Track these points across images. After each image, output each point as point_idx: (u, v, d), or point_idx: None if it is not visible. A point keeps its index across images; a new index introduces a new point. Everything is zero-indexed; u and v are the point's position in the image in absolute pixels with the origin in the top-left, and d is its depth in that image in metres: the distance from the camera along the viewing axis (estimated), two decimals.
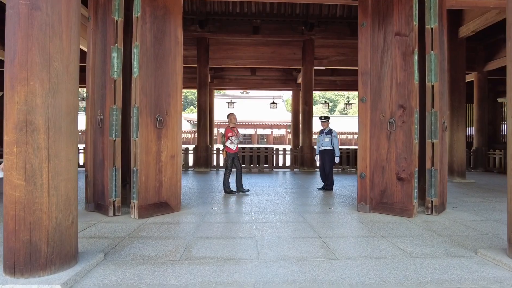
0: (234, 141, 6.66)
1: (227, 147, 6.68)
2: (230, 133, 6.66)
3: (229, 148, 6.69)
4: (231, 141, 6.66)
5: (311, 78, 12.68)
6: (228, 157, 6.72)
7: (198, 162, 12.35)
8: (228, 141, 6.67)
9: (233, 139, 6.65)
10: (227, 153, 6.73)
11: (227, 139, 6.68)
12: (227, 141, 6.68)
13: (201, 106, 12.46)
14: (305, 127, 12.60)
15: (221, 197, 6.31)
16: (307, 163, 12.45)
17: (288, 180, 9.36)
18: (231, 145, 6.67)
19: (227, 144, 6.67)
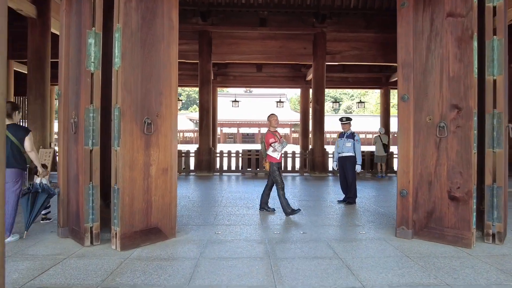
0: (278, 149, 5.35)
1: (270, 156, 5.38)
2: (272, 139, 5.34)
3: (272, 157, 5.37)
4: (274, 149, 5.33)
5: (322, 74, 11.64)
6: (273, 168, 5.37)
7: (200, 166, 11.37)
8: (270, 148, 5.35)
9: (277, 146, 5.33)
10: (271, 164, 5.37)
11: (268, 146, 5.37)
12: (268, 149, 5.38)
13: (203, 105, 11.47)
14: (316, 128, 11.58)
15: (226, 214, 5.32)
16: (318, 167, 11.43)
17: (300, 188, 8.35)
18: (274, 153, 5.35)
19: (270, 152, 5.37)
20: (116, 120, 3.48)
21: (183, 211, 5.43)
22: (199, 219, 4.93)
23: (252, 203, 6.15)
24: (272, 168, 5.38)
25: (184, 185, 8.61)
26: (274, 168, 5.38)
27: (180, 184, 8.78)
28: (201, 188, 8.23)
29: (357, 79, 14.76)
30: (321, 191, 7.90)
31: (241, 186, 8.69)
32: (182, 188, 8.03)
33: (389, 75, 14.61)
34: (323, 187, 8.77)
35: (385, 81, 14.84)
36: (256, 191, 7.61)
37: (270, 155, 5.39)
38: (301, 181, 10.09)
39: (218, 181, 9.74)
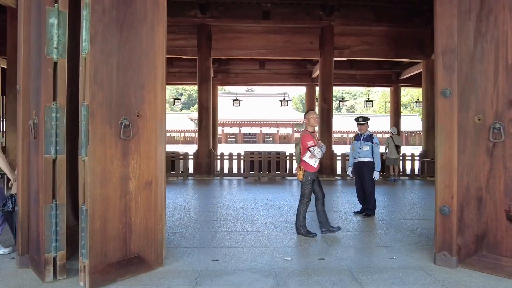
0: (317, 154, 4.21)
1: (305, 163, 4.28)
2: (310, 142, 4.22)
3: (307, 164, 4.28)
4: (312, 154, 4.21)
5: (330, 71, 10.85)
6: (307, 179, 4.30)
7: (199, 169, 10.60)
8: (307, 154, 4.23)
9: (316, 151, 4.20)
10: (305, 173, 4.29)
11: (305, 150, 4.24)
12: (305, 154, 4.24)
13: (203, 104, 10.70)
14: (323, 128, 10.79)
15: (226, 230, 4.55)
16: (325, 170, 10.64)
17: None
18: (312, 160, 4.25)
19: (306, 158, 4.24)
20: (83, 122, 2.71)
21: (176, 227, 4.66)
22: (194, 239, 4.15)
23: (256, 216, 5.37)
24: (306, 178, 4.31)
25: (180, 192, 7.85)
26: (309, 179, 4.32)
27: (177, 190, 8.01)
28: (199, 196, 7.46)
29: (366, 76, 13.94)
30: (332, 199, 7.11)
31: (243, 192, 7.92)
32: (178, 196, 7.26)
33: (400, 71, 13.80)
34: (333, 193, 7.99)
35: (395, 78, 14.03)
36: (260, 199, 6.83)
37: (306, 161, 4.28)
38: None
39: (219, 186, 8.97)
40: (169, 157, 10.84)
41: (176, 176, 10.81)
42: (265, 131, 54.57)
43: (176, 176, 10.80)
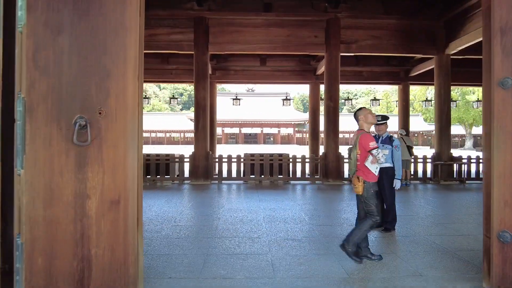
0: (381, 158, 3.37)
1: (365, 170, 3.42)
2: (373, 142, 3.40)
3: (368, 172, 3.42)
4: (374, 158, 3.36)
5: (336, 66, 10.10)
6: (369, 192, 3.43)
7: (196, 173, 9.86)
8: (369, 158, 3.38)
9: (380, 155, 3.35)
10: (367, 184, 3.41)
11: (365, 153, 3.40)
12: (367, 159, 3.39)
13: (200, 102, 9.95)
14: (329, 129, 10.04)
15: (221, 252, 3.79)
16: (332, 174, 9.89)
17: (314, 203, 6.81)
18: (373, 166, 3.42)
19: (368, 164, 3.40)
20: (19, 122, 1.97)
21: (163, 248, 3.91)
22: (182, 264, 3.40)
23: (257, 231, 4.61)
24: (368, 190, 3.41)
25: (174, 200, 7.10)
26: (371, 192, 3.43)
27: (170, 197, 7.27)
28: (194, 204, 6.70)
29: (373, 73, 13.19)
30: (342, 208, 6.36)
31: (243, 199, 7.17)
32: (170, 205, 6.51)
33: (409, 68, 13.04)
34: (342, 200, 7.24)
35: (404, 76, 13.27)
36: (261, 209, 6.07)
37: (368, 168, 3.40)
38: (313, 191, 8.55)
39: (216, 192, 8.22)
40: (164, 160, 10.10)
41: (172, 180, 10.07)
42: (266, 131, 53.86)
43: (171, 180, 10.06)
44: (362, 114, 3.63)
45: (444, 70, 10.34)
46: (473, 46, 9.57)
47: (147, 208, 6.12)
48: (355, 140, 3.54)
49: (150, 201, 6.94)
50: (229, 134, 55.26)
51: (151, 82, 13.13)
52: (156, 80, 12.70)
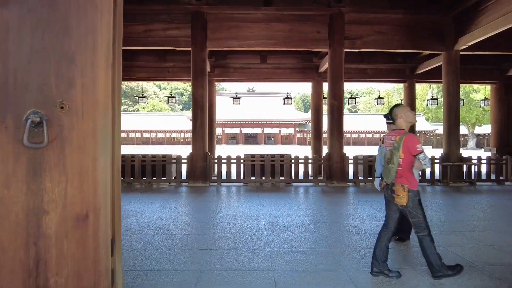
0: (427, 164, 2.93)
1: (411, 176, 3.00)
2: (420, 144, 2.95)
3: (413, 178, 3.02)
4: (419, 162, 2.94)
5: (341, 63, 9.66)
6: (414, 202, 2.98)
7: (194, 174, 9.42)
8: (416, 162, 2.96)
9: (427, 160, 2.92)
10: (411, 193, 2.96)
11: (410, 157, 2.96)
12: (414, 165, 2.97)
13: (197, 101, 9.51)
14: (333, 128, 9.59)
15: (217, 267, 3.35)
16: (336, 176, 9.45)
17: (320, 207, 6.36)
18: (416, 172, 3.16)
19: (416, 169, 3.04)
20: None
21: (151, 262, 3.47)
22: (171, 283, 2.95)
23: (258, 241, 4.17)
24: (413, 200, 2.97)
25: (169, 204, 6.66)
26: (416, 202, 2.99)
27: (165, 201, 6.83)
28: (190, 209, 6.26)
29: (377, 71, 12.73)
30: (349, 213, 5.91)
31: (243, 203, 6.73)
32: (165, 210, 6.07)
33: (415, 66, 12.59)
34: (348, 204, 6.79)
35: (409, 74, 12.82)
36: (262, 214, 5.63)
37: (413, 174, 3.01)
38: (316, 194, 8.10)
39: (215, 196, 7.78)
40: (160, 161, 9.67)
41: (168, 183, 9.64)
42: (267, 132, 53.46)
43: (168, 182, 9.63)
44: (401, 111, 3.13)
45: (453, 66, 9.89)
46: (483, 42, 9.14)
47: (139, 214, 5.69)
48: (398, 142, 3.01)
49: (144, 205, 6.50)
50: (230, 134, 54.87)
51: (147, 81, 12.75)
52: (152, 78, 12.27)
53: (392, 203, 3.15)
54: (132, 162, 9.68)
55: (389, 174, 3.07)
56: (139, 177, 9.63)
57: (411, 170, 3.00)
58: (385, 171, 3.16)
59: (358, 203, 6.85)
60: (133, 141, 57.08)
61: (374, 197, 7.56)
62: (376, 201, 6.96)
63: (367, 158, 9.88)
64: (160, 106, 77.28)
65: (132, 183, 9.63)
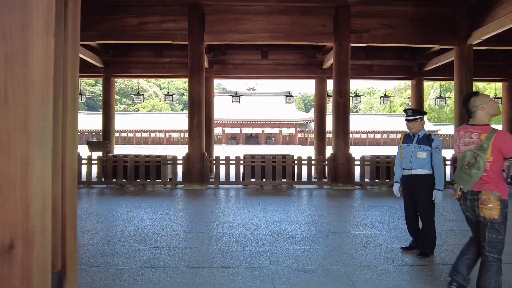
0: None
1: (503, 183, 2.40)
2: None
3: (505, 186, 2.41)
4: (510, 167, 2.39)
5: (346, 58, 9.09)
6: (503, 213, 2.36)
7: (190, 176, 8.85)
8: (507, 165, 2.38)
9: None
10: (502, 203, 2.35)
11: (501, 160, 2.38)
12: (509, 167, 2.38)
13: (194, 97, 8.95)
14: (339, 127, 9.02)
15: None
16: (342, 178, 8.87)
17: (326, 214, 5.78)
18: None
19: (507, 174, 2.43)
20: None
21: (131, 284, 2.90)
22: None
23: (258, 257, 3.60)
24: (503, 212, 2.36)
25: (161, 209, 6.09)
26: (505, 215, 2.38)
27: (157, 206, 6.25)
28: (183, 216, 5.69)
29: (384, 67, 12.15)
30: (359, 220, 5.34)
31: (242, 209, 6.16)
32: (155, 217, 5.50)
33: (423, 62, 12.00)
34: (356, 210, 6.21)
35: (417, 70, 12.23)
36: (263, 222, 5.06)
37: (504, 181, 2.42)
38: (321, 198, 7.53)
39: (212, 200, 7.21)
40: (155, 162, 9.10)
41: (163, 185, 9.07)
42: (267, 131, 52.89)
43: (163, 184, 9.06)
44: (483, 102, 2.48)
45: (466, 62, 9.31)
46: (496, 36, 8.56)
47: (126, 221, 5.12)
48: (485, 141, 2.36)
49: (133, 211, 5.94)
50: (230, 134, 54.33)
51: (142, 77, 12.20)
52: (147, 75, 11.73)
53: (473, 215, 2.51)
54: (125, 162, 9.12)
55: (469, 181, 2.40)
56: (132, 179, 9.07)
57: (500, 174, 2.36)
58: (463, 176, 2.44)
59: (367, 208, 6.28)
60: (133, 141, 56.59)
61: (383, 201, 6.99)
62: (387, 206, 6.39)
63: (374, 159, 9.31)
64: (160, 106, 76.80)
65: (124, 185, 9.07)
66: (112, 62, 11.89)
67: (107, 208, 6.16)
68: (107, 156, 9.57)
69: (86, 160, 9.22)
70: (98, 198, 7.49)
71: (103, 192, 8.25)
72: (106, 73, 11.82)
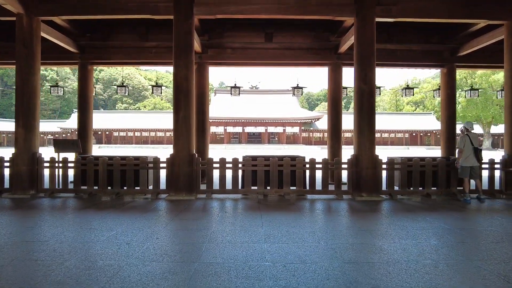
0: None
1: None
2: None
3: None
4: None
5: (372, 36, 7.27)
6: None
7: (175, 183, 7.06)
8: None
9: None
10: None
11: None
12: None
13: (180, 85, 7.15)
14: (363, 122, 7.19)
15: None
16: (366, 186, 7.04)
17: (360, 245, 3.93)
18: None
19: None
20: None
21: None
22: None
23: None
24: None
25: (125, 233, 4.28)
26: None
27: (126, 225, 4.42)
28: (148, 250, 3.86)
29: (409, 53, 10.24)
30: (410, 253, 3.50)
31: (238, 236, 4.33)
32: (105, 251, 3.67)
33: (456, 46, 10.10)
34: (398, 235, 4.34)
35: (448, 56, 10.32)
36: (268, 260, 3.24)
37: None
38: (343, 213, 5.70)
39: (200, 217, 5.40)
40: (132, 165, 7.31)
41: (143, 194, 7.28)
42: (270, 131, 51.00)
43: (142, 193, 7.27)
44: None
45: None
46: None
47: (73, 254, 3.32)
48: None
49: (92, 234, 4.18)
50: (232, 133, 52.52)
51: (124, 65, 10.39)
52: (131, 61, 9.91)
53: None
54: (95, 166, 7.33)
55: None
56: (105, 186, 7.29)
57: None
58: None
59: (414, 233, 4.44)
60: (132, 140, 54.91)
61: (429, 220, 5.14)
62: (439, 229, 4.56)
63: (405, 161, 7.46)
64: (162, 105, 75.07)
65: (96, 195, 7.29)
66: (89, 47, 10.09)
67: (46, 230, 4.37)
68: (76, 158, 7.76)
69: (48, 162, 7.44)
70: (48, 212, 5.68)
71: (65, 204, 6.46)
72: (82, 59, 10.02)
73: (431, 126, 55.68)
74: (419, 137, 56.28)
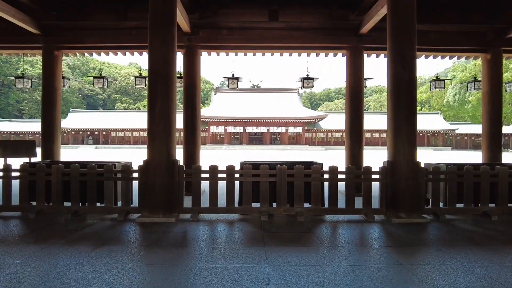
0: None
1: None
2: None
3: None
4: None
5: (412, 11, 5.46)
6: None
7: (150, 199, 5.26)
8: None
9: None
10: None
11: None
12: None
13: (156, 68, 5.35)
14: (399, 118, 5.38)
15: None
16: (405, 203, 5.23)
17: None
18: None
19: None
20: None
21: None
22: None
23: None
24: None
25: (57, 278, 2.51)
26: None
27: (76, 266, 2.64)
28: None
29: (445, 35, 8.41)
30: None
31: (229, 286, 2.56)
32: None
33: (503, 27, 8.26)
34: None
35: (493, 39, 8.48)
36: None
37: None
38: (381, 246, 3.87)
39: (176, 255, 3.60)
40: (95, 175, 5.52)
41: (108, 213, 5.49)
42: (272, 131, 49.19)
43: (106, 212, 5.49)
44: None
45: None
46: None
47: None
48: None
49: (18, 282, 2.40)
50: (233, 133, 50.72)
51: (97, 49, 8.56)
52: (106, 45, 8.11)
53: None
54: (48, 175, 5.56)
55: None
56: (60, 203, 5.51)
57: None
58: None
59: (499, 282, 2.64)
60: (130, 141, 53.20)
61: (502, 250, 3.34)
62: None
63: (454, 170, 5.64)
64: None
65: (48, 213, 5.53)
66: (56, 29, 8.32)
67: None
68: (22, 165, 5.94)
69: None
70: None
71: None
72: (46, 43, 8.24)
73: (438, 126, 53.82)
74: (426, 138, 54.36)
